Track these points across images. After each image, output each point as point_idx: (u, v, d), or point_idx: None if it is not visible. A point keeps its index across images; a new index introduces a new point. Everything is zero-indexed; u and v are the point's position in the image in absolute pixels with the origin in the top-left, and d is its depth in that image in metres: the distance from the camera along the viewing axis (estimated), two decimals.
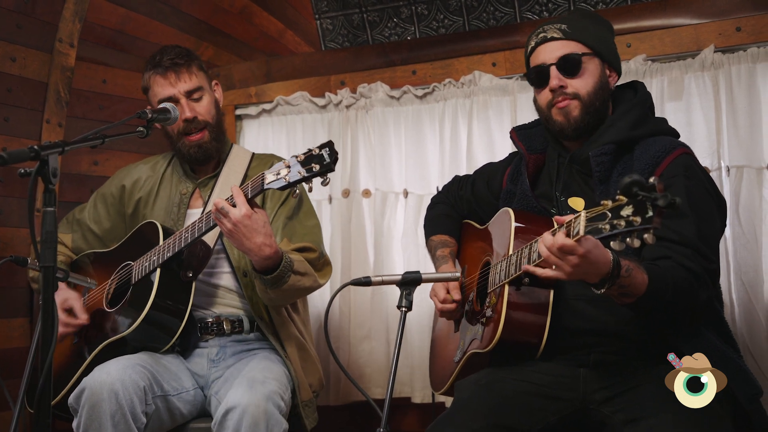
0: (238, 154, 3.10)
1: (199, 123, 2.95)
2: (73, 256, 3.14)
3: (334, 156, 2.40)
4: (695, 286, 2.19)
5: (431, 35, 3.94)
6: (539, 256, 2.12)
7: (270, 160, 3.07)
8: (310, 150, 2.43)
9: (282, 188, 2.45)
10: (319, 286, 2.86)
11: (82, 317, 2.85)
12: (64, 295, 2.88)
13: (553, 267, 2.07)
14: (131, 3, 3.72)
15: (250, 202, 2.57)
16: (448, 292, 2.64)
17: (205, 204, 2.96)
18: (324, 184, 2.43)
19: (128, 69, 3.86)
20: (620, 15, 3.47)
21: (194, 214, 2.95)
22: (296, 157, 2.44)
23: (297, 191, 2.47)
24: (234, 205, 2.53)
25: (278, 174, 2.45)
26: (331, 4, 4.03)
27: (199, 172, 3.07)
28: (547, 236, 2.04)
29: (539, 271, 2.15)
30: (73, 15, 3.53)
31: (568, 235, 1.98)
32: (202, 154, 2.99)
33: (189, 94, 2.94)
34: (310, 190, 2.45)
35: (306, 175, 2.41)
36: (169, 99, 2.92)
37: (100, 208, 3.16)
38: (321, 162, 2.40)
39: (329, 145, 2.42)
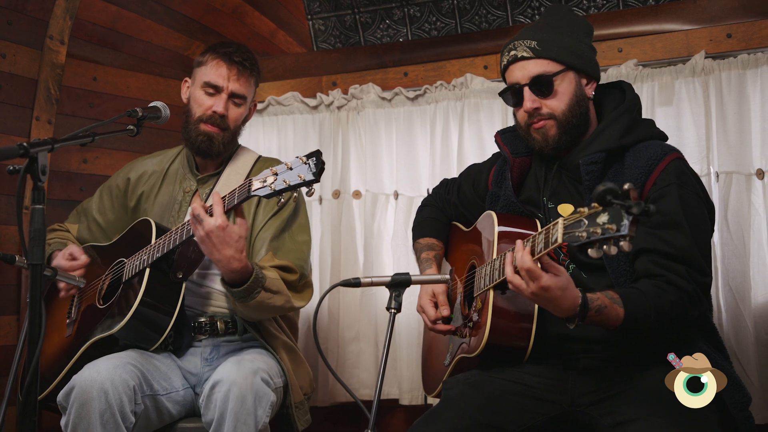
0: (243, 154, 3.08)
1: (223, 122, 2.92)
2: (79, 245, 3.12)
3: (320, 166, 2.38)
4: (687, 307, 2.21)
5: (423, 37, 3.95)
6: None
7: (274, 164, 3.04)
8: (297, 158, 2.42)
9: (267, 196, 2.44)
10: (293, 307, 2.83)
11: (83, 258, 2.87)
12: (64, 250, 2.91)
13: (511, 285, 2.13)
14: (123, 1, 3.70)
15: (236, 210, 2.57)
16: (437, 307, 2.62)
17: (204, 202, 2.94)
18: (308, 194, 2.42)
19: (119, 67, 3.85)
20: (612, 20, 3.49)
21: None
22: (285, 164, 2.42)
23: (282, 199, 2.45)
24: (212, 214, 2.54)
25: (264, 182, 2.44)
26: (324, 5, 4.03)
27: (203, 170, 3.06)
28: (516, 255, 2.09)
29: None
30: (64, 12, 3.52)
31: (532, 253, 2.05)
32: (207, 147, 2.94)
33: (233, 96, 2.92)
34: (310, 194, 2.44)
35: (291, 184, 2.39)
36: (214, 86, 2.90)
37: (105, 199, 3.15)
38: (307, 172, 2.39)
39: (316, 154, 2.40)
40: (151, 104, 2.66)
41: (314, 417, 2.99)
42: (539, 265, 2.06)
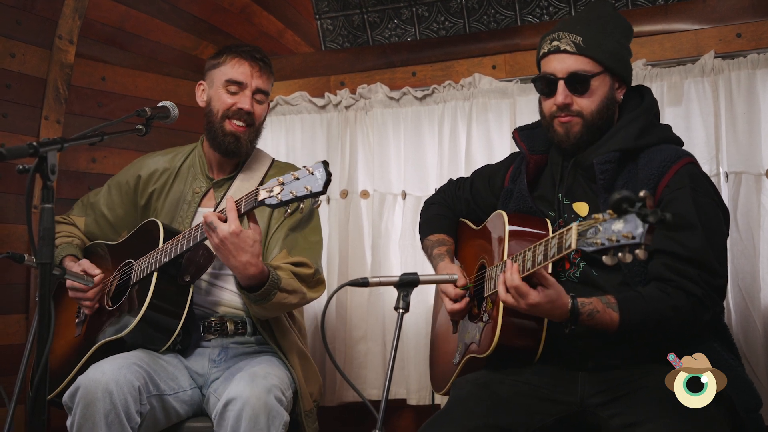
0: (258, 158, 3.07)
1: (250, 118, 2.91)
2: (87, 241, 3.13)
3: (327, 177, 2.38)
4: (698, 311, 2.22)
5: (431, 37, 3.94)
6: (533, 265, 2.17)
7: (288, 170, 3.04)
8: (305, 169, 2.41)
9: (274, 206, 2.44)
10: (307, 302, 2.84)
11: (96, 272, 2.85)
12: (76, 265, 2.90)
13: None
14: (131, 0, 3.71)
15: (249, 215, 2.56)
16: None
17: (217, 205, 2.94)
18: (315, 206, 2.42)
19: (127, 66, 3.86)
20: None
21: (204, 212, 2.94)
22: (291, 174, 2.42)
23: (289, 210, 2.45)
24: (225, 220, 2.53)
25: (271, 192, 2.44)
26: (332, 5, 4.03)
27: (217, 172, 3.05)
28: (506, 274, 2.19)
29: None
30: (73, 12, 3.53)
31: (522, 269, 2.15)
32: (235, 147, 2.92)
33: (257, 92, 2.91)
34: (317, 206, 2.44)
35: (298, 195, 2.39)
36: (238, 82, 2.89)
37: (114, 194, 3.14)
38: (314, 183, 2.39)
39: (324, 165, 2.40)
40: (160, 104, 2.66)
41: (322, 417, 2.99)
42: (541, 273, 2.15)
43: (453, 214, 2.93)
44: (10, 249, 2.93)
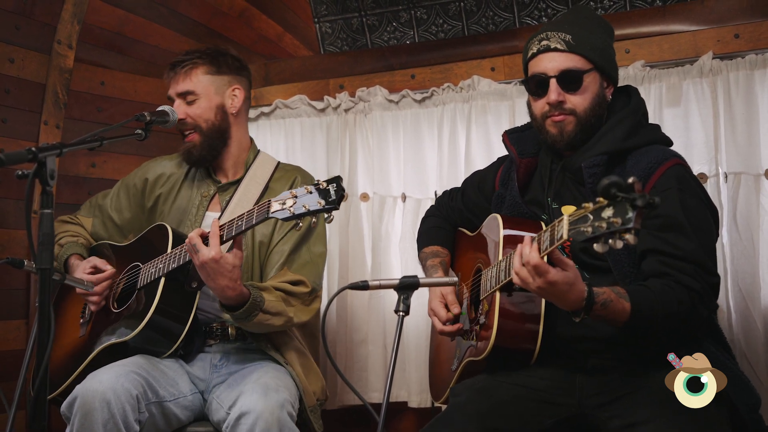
0: (262, 162, 3.08)
1: (187, 125, 2.94)
2: (92, 241, 3.13)
3: (340, 193, 2.38)
4: (697, 305, 2.20)
5: (430, 40, 3.95)
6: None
7: (294, 174, 3.04)
8: (318, 183, 2.41)
9: (286, 219, 2.42)
10: (294, 324, 2.83)
11: (108, 269, 2.87)
12: (84, 262, 2.91)
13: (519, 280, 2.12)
14: (130, 5, 3.71)
15: (235, 240, 2.57)
16: (447, 309, 2.60)
17: (223, 210, 2.94)
18: (328, 221, 2.42)
19: (127, 71, 3.86)
20: (619, 21, 3.48)
21: (212, 216, 2.94)
22: (305, 188, 2.41)
23: (301, 224, 2.45)
24: (207, 243, 2.54)
25: (284, 204, 2.42)
26: (331, 8, 4.04)
27: (221, 176, 3.06)
28: (524, 249, 2.09)
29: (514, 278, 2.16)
30: (71, 16, 3.53)
31: (539, 250, 2.05)
32: (189, 158, 2.98)
33: (182, 96, 2.94)
34: (329, 221, 2.44)
35: (311, 209, 2.38)
36: (169, 99, 2.95)
37: (122, 197, 3.15)
38: (327, 198, 2.38)
39: (337, 180, 2.40)
40: (159, 108, 2.67)
41: (324, 420, 2.99)
42: (546, 259, 2.07)
43: (449, 225, 2.93)
44: (10, 254, 2.93)
